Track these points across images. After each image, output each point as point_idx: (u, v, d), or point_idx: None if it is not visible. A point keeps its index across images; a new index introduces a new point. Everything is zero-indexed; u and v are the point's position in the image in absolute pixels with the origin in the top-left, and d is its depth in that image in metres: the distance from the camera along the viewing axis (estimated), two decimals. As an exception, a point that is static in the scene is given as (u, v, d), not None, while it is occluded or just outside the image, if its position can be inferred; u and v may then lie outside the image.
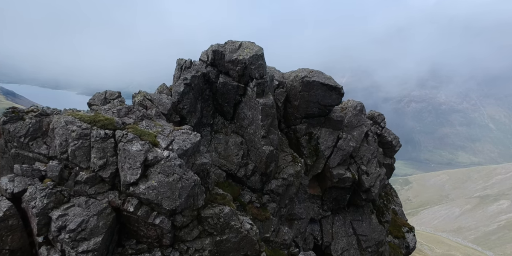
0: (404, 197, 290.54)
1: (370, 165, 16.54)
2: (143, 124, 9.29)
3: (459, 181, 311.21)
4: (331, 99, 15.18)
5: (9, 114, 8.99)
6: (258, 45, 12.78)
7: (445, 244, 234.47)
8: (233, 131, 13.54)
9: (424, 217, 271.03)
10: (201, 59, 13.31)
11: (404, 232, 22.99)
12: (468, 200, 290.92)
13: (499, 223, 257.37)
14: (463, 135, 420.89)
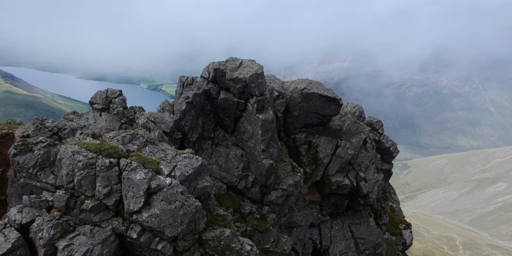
0: (403, 181, 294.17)
1: (368, 171, 16.84)
2: (146, 150, 9.50)
3: (458, 164, 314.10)
4: (330, 109, 15.32)
5: (19, 147, 9.21)
6: (258, 64, 12.83)
7: (442, 226, 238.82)
8: (233, 144, 13.73)
9: (422, 201, 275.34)
10: (203, 76, 13.38)
11: (401, 229, 23.58)
12: (466, 183, 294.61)
13: (495, 205, 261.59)
14: (463, 119, 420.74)
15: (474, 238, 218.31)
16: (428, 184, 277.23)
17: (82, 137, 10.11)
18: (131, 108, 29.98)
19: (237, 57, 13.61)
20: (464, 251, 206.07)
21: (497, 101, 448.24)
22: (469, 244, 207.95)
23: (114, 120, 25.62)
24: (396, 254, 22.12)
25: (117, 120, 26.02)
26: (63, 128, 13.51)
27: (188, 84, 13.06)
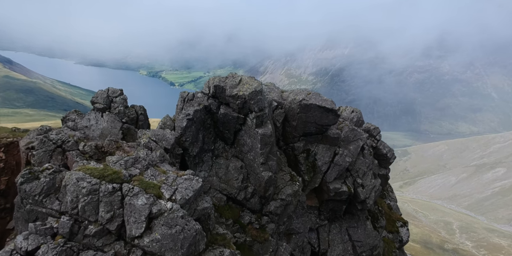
0: (402, 167, 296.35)
1: (366, 177, 17.12)
2: (148, 174, 9.73)
3: (457, 150, 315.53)
4: (328, 119, 15.49)
5: (26, 175, 9.46)
6: (257, 80, 12.95)
7: (439, 211, 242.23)
8: (233, 155, 13.95)
9: (420, 186, 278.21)
10: (203, 92, 13.51)
11: (398, 227, 24.10)
12: (464, 169, 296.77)
13: (493, 190, 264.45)
14: (464, 105, 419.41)
15: (471, 222, 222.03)
16: (427, 170, 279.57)
17: (87, 160, 10.27)
18: (131, 106, 30.11)
19: (236, 73, 13.73)
20: (460, 235, 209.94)
21: (499, 87, 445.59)
22: (465, 228, 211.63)
23: (115, 120, 25.78)
24: (393, 252, 22.73)
25: (118, 120, 26.18)
26: (67, 140, 13.73)
27: (189, 100, 13.22)
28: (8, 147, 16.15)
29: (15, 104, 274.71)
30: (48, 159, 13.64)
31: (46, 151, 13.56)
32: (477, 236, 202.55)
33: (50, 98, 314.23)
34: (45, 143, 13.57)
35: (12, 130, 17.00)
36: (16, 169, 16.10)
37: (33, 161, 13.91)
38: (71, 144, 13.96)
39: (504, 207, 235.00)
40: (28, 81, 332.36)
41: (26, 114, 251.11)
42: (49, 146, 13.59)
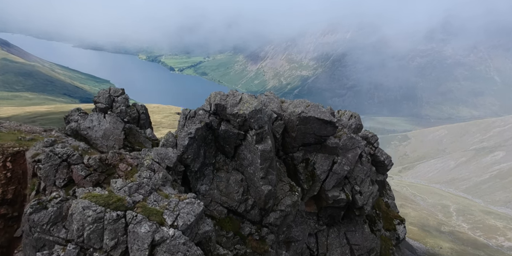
0: (402, 152, 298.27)
1: (363, 184, 17.54)
2: (151, 199, 10.08)
3: (457, 135, 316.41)
4: (327, 130, 15.76)
5: (35, 206, 9.82)
6: (257, 99, 13.25)
7: (437, 194, 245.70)
8: (233, 168, 14.29)
9: (419, 171, 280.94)
10: (204, 109, 13.74)
11: (395, 225, 24.79)
12: (464, 153, 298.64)
13: (491, 173, 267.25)
14: (466, 89, 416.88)
15: (468, 205, 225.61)
16: (426, 155, 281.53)
17: (91, 188, 10.60)
18: (133, 105, 30.29)
19: (237, 91, 13.89)
20: (457, 217, 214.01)
21: (502, 70, 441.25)
22: (462, 211, 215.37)
23: (117, 121, 26.09)
24: (390, 249, 23.51)
25: (121, 121, 26.48)
26: (72, 154, 14.08)
27: (191, 117, 13.48)
28: (14, 156, 16.48)
29: (15, 88, 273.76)
30: (54, 173, 14.03)
31: (52, 165, 13.93)
32: (474, 218, 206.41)
33: (49, 82, 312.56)
34: (51, 158, 13.92)
35: (18, 139, 17.30)
36: (22, 178, 16.49)
37: (40, 174, 14.33)
38: (76, 157, 14.30)
39: (502, 189, 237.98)
40: (26, 64, 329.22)
41: (26, 98, 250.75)
42: (55, 160, 13.94)
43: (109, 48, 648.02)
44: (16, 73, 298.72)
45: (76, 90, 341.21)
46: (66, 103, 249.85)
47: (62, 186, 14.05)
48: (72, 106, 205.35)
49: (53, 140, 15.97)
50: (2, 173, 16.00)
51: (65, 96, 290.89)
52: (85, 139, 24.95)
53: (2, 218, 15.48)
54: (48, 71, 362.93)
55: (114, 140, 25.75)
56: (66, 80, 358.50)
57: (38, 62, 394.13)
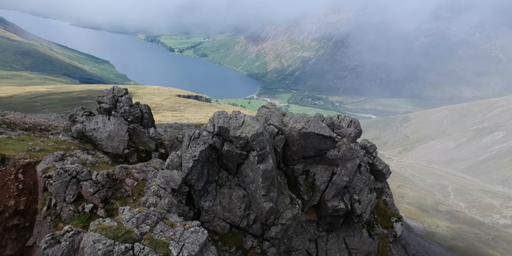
0: (402, 134, 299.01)
1: (362, 193, 18.20)
2: (157, 230, 10.68)
3: (458, 115, 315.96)
4: (326, 145, 16.23)
5: (49, 241, 10.40)
6: (259, 123, 13.52)
7: (436, 174, 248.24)
8: (236, 184, 14.87)
9: (419, 152, 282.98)
10: (208, 130, 14.14)
11: (393, 222, 25.72)
12: (464, 133, 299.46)
13: (490, 153, 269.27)
14: (469, 69, 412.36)
15: (466, 184, 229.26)
16: (427, 136, 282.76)
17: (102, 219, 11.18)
18: (136, 104, 30.76)
19: (239, 112, 14.17)
20: (455, 197, 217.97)
21: (507, 48, 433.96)
22: (460, 190, 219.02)
23: (122, 123, 26.69)
24: (387, 246, 24.58)
25: (125, 123, 27.06)
26: (81, 171, 14.65)
27: (195, 138, 13.97)
28: (25, 168, 17.07)
29: (14, 67, 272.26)
30: (64, 190, 14.67)
31: (62, 182, 14.54)
32: (471, 197, 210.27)
33: (48, 61, 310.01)
34: (61, 175, 14.51)
35: (29, 150, 17.85)
36: (33, 189, 17.14)
37: (51, 190, 14.97)
38: (85, 174, 14.89)
39: (500, 169, 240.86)
40: (24, 43, 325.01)
41: (26, 77, 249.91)
42: (65, 177, 14.55)
43: (107, 27, 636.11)
44: (15, 52, 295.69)
45: (76, 70, 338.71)
46: (66, 83, 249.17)
47: (72, 202, 14.72)
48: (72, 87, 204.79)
49: (62, 154, 16.53)
50: (14, 185, 16.63)
51: (64, 76, 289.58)
52: (91, 140, 25.59)
53: (15, 229, 16.24)
54: (46, 50, 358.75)
55: (118, 141, 26.38)
56: (65, 60, 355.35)
57: (36, 40, 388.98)
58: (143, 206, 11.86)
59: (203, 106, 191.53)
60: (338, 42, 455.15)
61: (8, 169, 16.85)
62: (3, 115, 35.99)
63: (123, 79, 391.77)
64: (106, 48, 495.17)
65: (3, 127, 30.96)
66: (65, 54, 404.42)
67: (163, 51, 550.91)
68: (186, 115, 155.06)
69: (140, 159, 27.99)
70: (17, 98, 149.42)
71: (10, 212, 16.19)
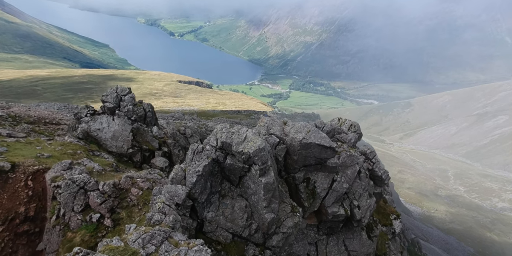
0: (404, 119, 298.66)
1: (362, 198, 18.68)
2: (162, 250, 11.16)
3: (461, 100, 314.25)
4: (327, 154, 16.62)
5: None
6: (261, 138, 13.77)
7: (437, 159, 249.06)
8: (238, 195, 15.32)
9: (420, 137, 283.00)
10: (211, 145, 14.48)
11: (391, 220, 26.43)
12: (466, 118, 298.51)
13: (492, 137, 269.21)
14: (474, 52, 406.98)
15: (466, 169, 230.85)
16: (428, 121, 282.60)
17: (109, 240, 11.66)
18: (139, 103, 31.18)
19: (242, 127, 14.45)
20: (454, 181, 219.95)
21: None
22: (460, 175, 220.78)
23: (125, 124, 27.25)
24: (386, 243, 25.36)
25: (129, 123, 27.60)
26: (88, 181, 15.13)
27: (199, 152, 14.38)
28: (34, 174, 17.55)
29: (13, 49, 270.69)
30: (72, 200, 15.21)
31: (70, 193, 15.07)
32: (470, 181, 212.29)
33: (48, 45, 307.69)
34: (69, 186, 15.02)
35: (37, 156, 18.31)
36: (42, 195, 17.67)
37: (59, 200, 15.50)
38: (92, 184, 15.38)
39: (501, 153, 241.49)
40: (23, 25, 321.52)
41: (26, 61, 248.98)
42: (73, 188, 15.07)
43: (105, 10, 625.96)
44: (14, 34, 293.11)
45: (76, 54, 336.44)
46: (66, 67, 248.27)
47: (80, 211, 15.28)
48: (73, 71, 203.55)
49: (70, 163, 16.99)
50: (24, 191, 17.16)
51: (65, 60, 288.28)
52: (96, 140, 26.21)
53: (25, 234, 16.88)
54: (46, 33, 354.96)
55: (123, 141, 26.93)
56: (65, 44, 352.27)
57: (35, 23, 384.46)
58: (148, 221, 12.34)
59: (204, 92, 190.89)
60: (341, 26, 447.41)
61: (18, 176, 17.34)
62: (8, 108, 36.34)
63: (124, 63, 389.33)
64: (106, 32, 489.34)
65: (8, 120, 31.42)
66: (64, 37, 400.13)
67: (163, 35, 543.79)
68: (187, 101, 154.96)
69: (143, 158, 28.56)
70: (18, 82, 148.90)
71: (20, 218, 16.79)
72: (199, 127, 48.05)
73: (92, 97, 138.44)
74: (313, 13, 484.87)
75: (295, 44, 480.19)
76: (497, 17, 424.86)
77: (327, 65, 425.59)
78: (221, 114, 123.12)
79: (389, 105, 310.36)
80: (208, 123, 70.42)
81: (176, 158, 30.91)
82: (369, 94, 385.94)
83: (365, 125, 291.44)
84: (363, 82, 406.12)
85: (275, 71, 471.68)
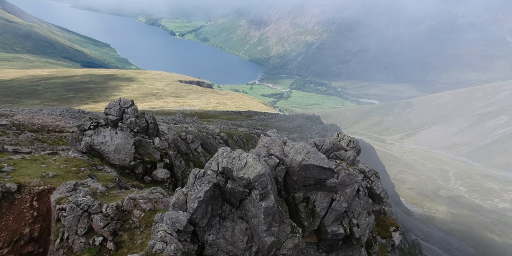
0: (405, 119, 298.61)
1: (361, 217, 18.95)
2: (165, 279, 11.47)
3: (462, 100, 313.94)
4: (326, 175, 16.92)
5: None
6: (261, 164, 14.08)
7: (438, 159, 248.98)
8: (239, 217, 15.59)
9: (421, 137, 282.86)
10: (212, 169, 14.78)
11: (391, 232, 26.69)
12: (467, 118, 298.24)
13: (493, 137, 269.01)
14: (475, 52, 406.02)
15: (467, 169, 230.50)
16: (429, 121, 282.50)
17: None
18: (142, 114, 31.70)
19: (242, 151, 14.75)
20: (455, 181, 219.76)
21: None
22: (461, 175, 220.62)
23: (128, 137, 27.82)
24: (385, 255, 25.66)
25: (131, 136, 28.07)
26: (92, 204, 15.46)
27: (200, 176, 14.70)
28: (39, 195, 17.82)
29: (15, 49, 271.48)
30: (76, 223, 15.51)
31: (75, 216, 15.38)
32: (471, 181, 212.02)
33: (49, 44, 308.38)
34: (74, 210, 15.34)
35: (42, 176, 18.62)
36: (46, 215, 17.95)
37: (64, 223, 15.80)
38: (96, 207, 15.68)
39: (503, 153, 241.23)
40: (24, 25, 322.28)
41: (27, 60, 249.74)
42: (77, 212, 15.40)
43: (106, 9, 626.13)
44: (15, 34, 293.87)
45: (77, 54, 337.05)
46: (67, 67, 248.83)
47: (83, 234, 15.57)
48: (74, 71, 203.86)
49: (74, 184, 17.29)
50: (30, 212, 17.43)
51: (66, 60, 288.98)
52: (99, 153, 26.74)
53: (30, 255, 17.18)
54: (47, 32, 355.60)
55: (125, 154, 27.39)
56: (66, 43, 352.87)
57: (36, 22, 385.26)
58: (150, 249, 12.64)
59: (204, 92, 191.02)
60: (342, 25, 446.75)
61: (24, 197, 17.61)
62: (12, 116, 36.75)
63: (125, 63, 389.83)
64: (107, 31, 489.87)
65: (12, 129, 31.81)
66: (65, 36, 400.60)
67: (164, 35, 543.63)
68: (188, 101, 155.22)
69: (145, 170, 28.97)
70: (19, 82, 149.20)
71: (25, 239, 17.06)
72: (200, 131, 48.43)
73: (93, 97, 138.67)
74: (314, 13, 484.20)
75: (296, 43, 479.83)
76: (499, 17, 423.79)
77: (328, 64, 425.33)
78: (222, 115, 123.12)
79: (390, 105, 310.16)
80: (208, 126, 70.66)
81: (178, 169, 31.24)
82: (370, 94, 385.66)
83: (365, 125, 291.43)
84: (364, 81, 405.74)
85: (276, 71, 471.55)
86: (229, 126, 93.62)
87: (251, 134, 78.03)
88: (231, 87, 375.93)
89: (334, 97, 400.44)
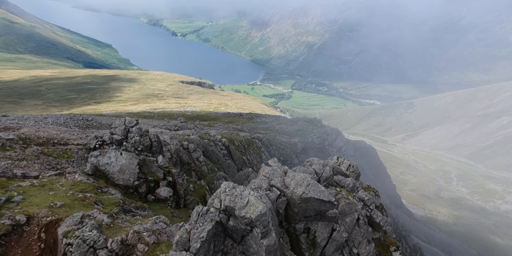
0: (406, 120, 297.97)
1: (361, 246, 19.31)
2: None
3: (464, 101, 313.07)
4: (326, 207, 17.29)
5: None
6: (262, 203, 14.53)
7: (439, 160, 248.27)
8: (240, 252, 15.96)
9: (423, 138, 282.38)
10: (215, 207, 15.16)
11: (391, 251, 27.02)
12: (469, 119, 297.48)
13: (495, 138, 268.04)
14: (478, 53, 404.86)
15: (469, 170, 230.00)
16: (431, 122, 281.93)
17: None
18: (146, 133, 32.20)
19: (244, 189, 15.20)
20: (457, 183, 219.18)
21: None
22: (463, 176, 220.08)
23: (132, 158, 28.32)
24: (385, 275, 26.00)
25: (136, 157, 28.57)
26: (98, 240, 15.86)
27: (203, 214, 15.03)
28: (47, 226, 18.15)
29: (18, 49, 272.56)
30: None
31: (81, 253, 15.77)
32: (473, 183, 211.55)
33: (52, 45, 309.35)
34: (80, 246, 15.72)
35: (50, 206, 18.97)
36: (53, 247, 18.36)
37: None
38: (101, 243, 16.07)
39: (505, 154, 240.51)
40: (26, 25, 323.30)
41: (29, 61, 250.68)
42: (84, 248, 15.78)
43: (108, 10, 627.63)
44: (18, 35, 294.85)
45: (79, 54, 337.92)
46: (70, 67, 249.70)
47: (89, 270, 16.01)
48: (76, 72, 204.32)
49: (81, 216, 17.64)
50: (37, 245, 17.79)
51: (68, 60, 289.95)
52: (104, 173, 27.15)
53: (35, 287, 17.56)
54: (49, 33, 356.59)
55: (129, 174, 27.88)
56: (68, 44, 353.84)
57: (38, 23, 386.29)
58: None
59: (206, 93, 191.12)
60: (343, 26, 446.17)
61: (32, 229, 17.97)
62: (18, 129, 37.29)
63: (126, 63, 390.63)
64: (109, 32, 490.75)
65: (19, 143, 32.25)
66: (68, 37, 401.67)
67: (165, 35, 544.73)
68: (189, 102, 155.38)
69: (148, 189, 29.41)
70: (22, 82, 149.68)
71: (32, 272, 17.49)
72: (202, 137, 48.75)
73: (95, 98, 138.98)
74: (315, 14, 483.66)
75: (297, 44, 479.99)
76: (502, 18, 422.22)
77: (329, 65, 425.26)
78: (223, 117, 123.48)
79: (391, 106, 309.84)
80: (210, 131, 70.97)
81: (180, 187, 31.66)
82: (372, 95, 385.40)
83: (367, 125, 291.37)
84: (365, 82, 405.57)
85: (277, 71, 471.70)
86: (231, 131, 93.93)
87: (252, 139, 78.42)
88: (232, 88, 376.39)
89: (335, 98, 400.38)
